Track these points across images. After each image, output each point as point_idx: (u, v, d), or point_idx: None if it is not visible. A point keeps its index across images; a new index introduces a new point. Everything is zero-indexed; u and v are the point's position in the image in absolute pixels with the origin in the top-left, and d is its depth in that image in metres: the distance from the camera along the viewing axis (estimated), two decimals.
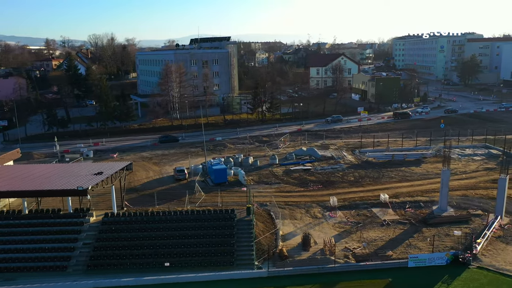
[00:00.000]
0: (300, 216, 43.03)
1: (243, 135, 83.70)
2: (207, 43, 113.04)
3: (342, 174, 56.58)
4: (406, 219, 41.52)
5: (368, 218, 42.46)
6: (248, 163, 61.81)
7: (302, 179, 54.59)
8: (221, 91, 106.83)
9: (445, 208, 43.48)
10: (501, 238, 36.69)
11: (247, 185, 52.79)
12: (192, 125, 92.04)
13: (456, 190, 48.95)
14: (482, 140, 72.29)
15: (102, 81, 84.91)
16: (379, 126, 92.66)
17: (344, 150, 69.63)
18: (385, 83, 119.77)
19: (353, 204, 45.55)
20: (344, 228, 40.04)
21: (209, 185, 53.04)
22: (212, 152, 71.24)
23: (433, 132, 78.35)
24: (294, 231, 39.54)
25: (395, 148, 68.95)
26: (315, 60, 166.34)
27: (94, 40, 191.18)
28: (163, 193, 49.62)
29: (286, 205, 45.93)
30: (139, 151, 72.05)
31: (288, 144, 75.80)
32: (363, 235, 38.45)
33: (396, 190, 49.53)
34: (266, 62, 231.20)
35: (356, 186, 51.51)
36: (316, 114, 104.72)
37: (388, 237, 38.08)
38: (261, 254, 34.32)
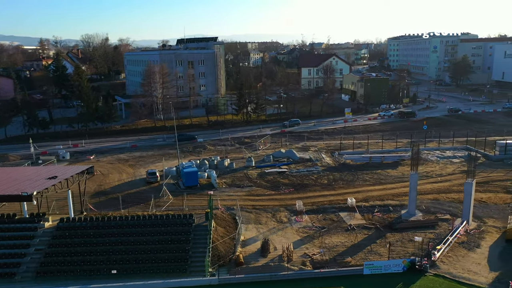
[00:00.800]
0: (266, 220, 42.32)
1: (226, 136, 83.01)
2: (193, 44, 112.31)
3: (316, 177, 55.85)
4: (372, 224, 40.81)
5: (334, 222, 41.74)
6: (224, 165, 61.10)
7: (275, 182, 53.87)
8: (208, 92, 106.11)
9: (414, 213, 42.76)
10: (464, 244, 35.94)
11: (218, 188, 52.29)
12: (176, 126, 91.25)
13: (428, 194, 48.23)
14: (464, 142, 71.57)
15: (84, 81, 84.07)
16: (363, 127, 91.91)
17: (324, 152, 68.90)
18: (374, 84, 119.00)
19: (321, 208, 44.83)
20: (307, 233, 39.32)
21: (180, 188, 52.42)
22: (190, 154, 70.59)
23: (416, 133, 77.81)
24: (256, 236, 38.82)
25: (374, 150, 68.26)
26: (307, 60, 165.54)
27: (87, 40, 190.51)
28: (132, 197, 49.05)
29: (254, 209, 45.23)
30: (117, 153, 71.32)
31: (269, 146, 75.06)
32: (325, 240, 37.71)
33: (368, 193, 48.81)
34: (260, 62, 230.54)
35: (327, 189, 50.78)
36: (303, 115, 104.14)
37: (351, 242, 37.36)
38: (217, 260, 33.62)
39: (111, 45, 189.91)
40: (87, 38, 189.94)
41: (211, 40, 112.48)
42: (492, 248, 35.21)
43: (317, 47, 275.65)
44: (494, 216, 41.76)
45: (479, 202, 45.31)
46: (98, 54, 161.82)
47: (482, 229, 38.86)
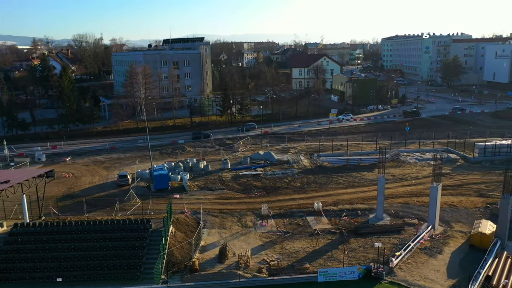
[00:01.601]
0: (230, 225, 41.57)
1: (211, 137, 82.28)
2: (179, 44, 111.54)
3: (290, 179, 55.13)
4: (337, 229, 40.09)
5: (299, 227, 41.01)
6: (199, 167, 60.38)
7: (247, 185, 53.12)
8: (193, 93, 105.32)
9: (381, 217, 42.08)
10: (427, 249, 35.21)
11: (188, 191, 51.56)
12: (158, 127, 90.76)
13: (400, 197, 47.55)
14: (446, 144, 70.84)
15: (64, 82, 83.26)
16: (348, 128, 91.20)
17: (303, 154, 68.16)
18: (362, 85, 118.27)
19: (288, 212, 44.09)
20: (270, 238, 38.59)
21: (150, 191, 51.69)
22: (168, 155, 69.85)
23: (398, 135, 77.20)
24: (217, 241, 38.08)
25: (354, 152, 67.58)
26: (297, 60, 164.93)
27: (79, 39, 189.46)
28: (99, 200, 48.20)
29: (220, 213, 44.49)
30: (94, 155, 70.57)
31: (249, 147, 74.40)
32: (287, 246, 36.99)
33: (339, 197, 48.10)
34: (252, 62, 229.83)
35: (299, 192, 50.03)
36: (289, 116, 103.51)
37: (312, 248, 36.62)
38: (172, 267, 32.89)
39: (103, 45, 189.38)
40: (79, 38, 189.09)
41: (197, 41, 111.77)
42: (454, 254, 34.49)
43: (312, 47, 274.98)
44: (462, 221, 41.07)
45: (449, 206, 44.67)
46: (88, 54, 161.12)
47: (447, 234, 38.16)
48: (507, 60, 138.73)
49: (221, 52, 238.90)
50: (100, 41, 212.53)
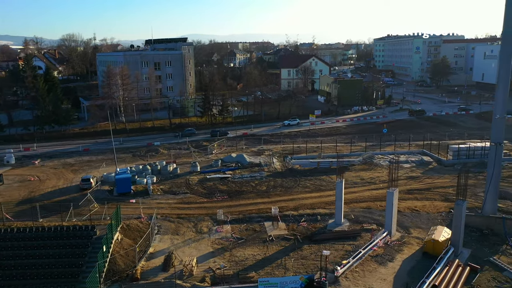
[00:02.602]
0: (185, 231, 40.60)
1: (185, 139, 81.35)
2: (162, 45, 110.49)
3: (257, 183, 54.16)
4: (293, 235, 39.13)
5: (255, 233, 40.05)
6: (167, 170, 59.43)
7: (212, 189, 52.17)
8: (175, 94, 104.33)
9: (340, 223, 41.13)
10: (378, 257, 34.24)
11: (151, 195, 50.61)
12: (137, 129, 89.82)
13: (363, 202, 46.59)
14: (424, 145, 69.82)
15: (39, 83, 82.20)
16: (329, 130, 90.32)
17: (277, 156, 67.23)
18: (347, 85, 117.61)
19: (247, 217, 43.11)
20: (222, 245, 37.61)
21: (113, 195, 50.74)
22: (140, 158, 68.89)
23: (375, 137, 76.34)
24: (167, 248, 37.09)
25: (328, 155, 66.62)
26: (287, 61, 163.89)
27: (69, 39, 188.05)
28: (57, 205, 47.02)
29: (178, 218, 43.53)
30: (66, 157, 69.59)
31: (224, 149, 73.49)
32: (237, 253, 36.01)
33: (302, 201, 47.14)
34: (243, 63, 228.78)
35: (262, 196, 49.07)
36: (271, 117, 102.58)
37: (263, 255, 35.66)
38: (112, 276, 31.91)
39: (93, 45, 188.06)
40: (68, 38, 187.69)
41: (180, 41, 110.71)
42: (406, 262, 33.53)
43: (306, 47, 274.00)
44: (421, 226, 40.12)
45: (412, 211, 43.73)
46: (76, 54, 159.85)
47: (403, 241, 37.18)
48: (495, 60, 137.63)
49: (212, 52, 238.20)
50: (93, 40, 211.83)
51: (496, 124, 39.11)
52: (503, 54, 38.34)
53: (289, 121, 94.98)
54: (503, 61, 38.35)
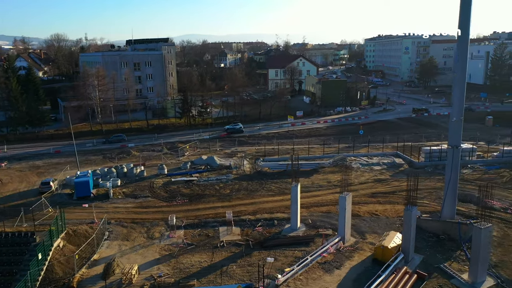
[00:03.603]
0: (135, 236, 39.55)
1: (160, 141, 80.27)
2: (142, 45, 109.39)
3: (222, 186, 53.15)
4: (246, 240, 38.11)
5: (208, 238, 39.01)
6: (133, 173, 58.35)
7: (174, 192, 51.12)
8: (156, 94, 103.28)
9: (296, 227, 40.14)
10: (326, 264, 33.23)
11: (111, 198, 49.56)
12: (113, 130, 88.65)
13: (325, 205, 45.62)
14: (400, 147, 68.84)
15: (12, 84, 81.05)
16: (308, 131, 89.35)
17: (249, 158, 66.26)
18: (330, 86, 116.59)
19: (202, 222, 42.08)
20: (170, 251, 36.55)
21: (72, 199, 49.65)
22: (110, 160, 67.75)
23: (353, 138, 75.48)
24: (113, 254, 36.00)
25: (300, 157, 65.58)
26: (274, 61, 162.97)
27: (57, 39, 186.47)
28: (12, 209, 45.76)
29: (132, 222, 42.47)
30: (35, 159, 68.40)
31: (198, 151, 72.48)
32: (184, 259, 34.96)
33: (262, 205, 46.13)
34: (234, 63, 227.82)
35: (223, 200, 48.06)
36: (252, 118, 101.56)
37: (210, 261, 34.63)
38: (49, 284, 30.86)
39: (81, 46, 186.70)
40: (57, 38, 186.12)
41: (161, 41, 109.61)
42: (353, 269, 32.55)
43: (298, 47, 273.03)
44: (378, 231, 39.15)
45: (371, 215, 42.78)
46: (62, 54, 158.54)
47: (356, 247, 36.23)
48: (482, 61, 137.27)
49: (203, 52, 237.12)
50: (84, 40, 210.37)
51: (453, 127, 38.19)
52: (458, 57, 37.38)
53: (230, 126, 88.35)
54: (458, 64, 37.41)
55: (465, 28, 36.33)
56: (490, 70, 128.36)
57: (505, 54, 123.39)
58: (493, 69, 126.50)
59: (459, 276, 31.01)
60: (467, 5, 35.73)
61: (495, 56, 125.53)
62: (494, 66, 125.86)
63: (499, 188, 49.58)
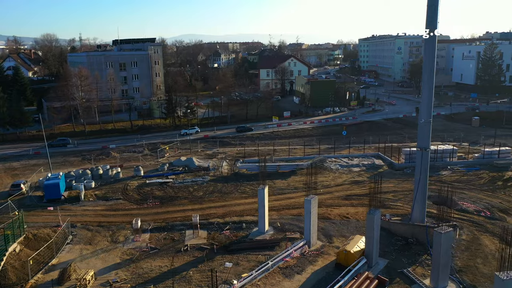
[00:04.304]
0: (99, 240, 38.76)
1: (145, 142, 79.49)
2: (128, 45, 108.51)
3: (196, 188, 52.40)
4: (211, 244, 37.34)
5: (173, 242, 38.21)
6: (109, 175, 57.58)
7: (147, 195, 50.30)
8: (142, 95, 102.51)
9: (263, 231, 39.39)
10: (288, 269, 32.46)
11: (82, 201, 48.77)
12: (96, 131, 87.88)
13: (295, 208, 44.79)
14: (381, 149, 68.08)
15: None
16: (294, 132, 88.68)
17: (228, 159, 65.51)
18: (319, 86, 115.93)
19: (169, 225, 41.32)
20: (132, 255, 35.76)
21: (43, 202, 48.84)
22: (89, 162, 66.91)
23: (337, 139, 74.90)
24: (73, 259, 35.17)
25: (280, 158, 65.02)
26: (265, 62, 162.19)
27: (49, 39, 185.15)
28: None
29: (99, 226, 41.69)
30: (12, 161, 67.60)
31: (179, 152, 71.74)
32: (144, 264, 34.19)
33: (233, 208, 45.40)
34: (227, 63, 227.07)
35: (194, 203, 47.30)
36: (239, 118, 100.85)
37: (171, 266, 33.83)
38: None
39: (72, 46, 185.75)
40: (49, 37, 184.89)
41: (148, 41, 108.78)
42: (314, 275, 31.82)
43: (293, 47, 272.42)
44: (346, 235, 38.41)
45: (342, 218, 42.05)
46: (51, 54, 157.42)
47: (322, 251, 35.51)
48: (473, 61, 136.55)
49: (197, 53, 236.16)
50: (79, 40, 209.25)
51: (421, 129, 37.45)
52: (426, 58, 36.68)
53: (187, 130, 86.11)
54: (426, 65, 36.71)
55: (433, 28, 35.63)
56: (480, 71, 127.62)
57: (495, 54, 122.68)
58: (483, 69, 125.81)
59: (421, 282, 30.29)
60: (434, 4, 35.02)
61: (485, 56, 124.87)
62: (484, 66, 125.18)
63: (476, 190, 49.05)
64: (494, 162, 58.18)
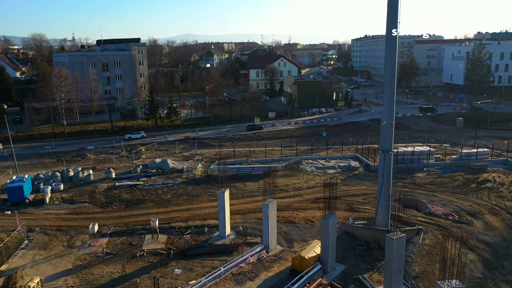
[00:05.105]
0: (55, 245, 37.77)
1: (124, 143, 78.58)
2: (112, 45, 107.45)
3: (166, 190, 51.43)
4: (169, 249, 36.43)
5: (130, 247, 37.26)
6: (79, 177, 56.65)
7: (114, 198, 49.34)
8: (125, 95, 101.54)
9: (224, 235, 38.49)
10: (241, 275, 31.53)
11: (46, 204, 47.82)
12: (77, 132, 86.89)
13: (261, 212, 43.45)
14: (360, 150, 67.30)
15: None
16: (277, 132, 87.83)
17: (204, 161, 64.62)
18: (306, 87, 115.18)
19: (130, 229, 40.36)
20: (85, 261, 34.83)
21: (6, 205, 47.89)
22: (63, 163, 65.98)
23: (318, 140, 74.17)
24: (25, 265, 34.25)
25: (256, 160, 64.10)
26: (255, 62, 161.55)
27: (39, 39, 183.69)
28: None
29: (58, 230, 40.70)
30: None
31: (156, 154, 70.84)
32: (95, 270, 33.20)
33: (197, 211, 44.45)
34: (220, 63, 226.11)
35: (159, 206, 46.34)
36: (223, 119, 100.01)
37: (122, 272, 32.93)
38: None
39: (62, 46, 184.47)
40: (38, 37, 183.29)
41: (132, 41, 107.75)
42: (267, 281, 30.89)
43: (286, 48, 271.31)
44: (307, 239, 37.51)
45: (306, 222, 41.15)
46: (39, 54, 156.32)
47: (280, 256, 34.61)
48: (462, 61, 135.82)
49: (189, 53, 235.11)
50: (71, 40, 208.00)
51: (383, 131, 36.61)
52: (387, 59, 35.78)
53: (131, 134, 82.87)
54: (387, 66, 35.82)
55: (393, 27, 34.74)
56: (468, 71, 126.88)
57: (483, 54, 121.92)
58: (471, 70, 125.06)
59: None
60: (394, 3, 34.14)
61: (473, 57, 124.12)
62: (472, 66, 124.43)
63: (448, 193, 48.21)
64: (471, 164, 57.36)
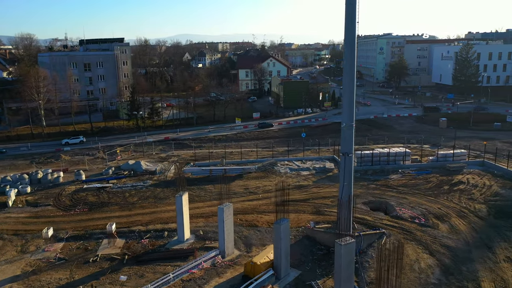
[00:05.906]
0: (8, 250, 36.69)
1: (102, 144, 77.55)
2: (95, 45, 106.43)
3: (134, 193, 50.45)
4: (124, 254, 35.48)
5: (85, 252, 36.29)
6: (47, 179, 55.64)
7: (79, 200, 48.35)
8: (107, 96, 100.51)
9: (182, 240, 37.57)
10: (191, 282, 30.53)
11: (9, 207, 46.82)
12: (56, 133, 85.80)
13: None
14: (333, 151, 66.32)
15: None
16: (257, 133, 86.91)
17: (179, 163, 63.67)
18: (293, 87, 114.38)
19: (87, 234, 39.39)
20: (36, 267, 33.84)
21: None
22: (36, 165, 64.97)
23: (292, 141, 73.25)
24: None
25: (231, 161, 63.19)
26: (244, 61, 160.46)
27: (29, 38, 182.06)
28: None
29: (14, 234, 39.70)
30: None
31: (132, 155, 69.89)
32: (44, 277, 32.21)
33: (160, 214, 43.48)
34: (212, 63, 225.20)
35: (123, 209, 45.33)
36: (207, 120, 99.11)
37: (71, 279, 31.92)
38: None
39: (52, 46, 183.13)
40: (28, 37, 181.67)
41: (115, 41, 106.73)
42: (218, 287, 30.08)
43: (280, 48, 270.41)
44: (267, 244, 36.57)
45: (269, 226, 40.16)
46: (27, 54, 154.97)
47: (236, 261, 33.71)
48: (451, 61, 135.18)
49: (181, 53, 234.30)
50: (65, 40, 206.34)
51: (344, 133, 35.69)
52: (346, 61, 34.83)
53: (69, 139, 78.79)
54: (346, 67, 34.85)
55: (352, 26, 33.87)
56: (456, 71, 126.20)
57: (470, 54, 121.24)
58: (459, 70, 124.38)
59: None
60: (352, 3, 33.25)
61: (461, 57, 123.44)
62: (460, 66, 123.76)
63: (419, 195, 47.38)
64: (447, 166, 56.61)
